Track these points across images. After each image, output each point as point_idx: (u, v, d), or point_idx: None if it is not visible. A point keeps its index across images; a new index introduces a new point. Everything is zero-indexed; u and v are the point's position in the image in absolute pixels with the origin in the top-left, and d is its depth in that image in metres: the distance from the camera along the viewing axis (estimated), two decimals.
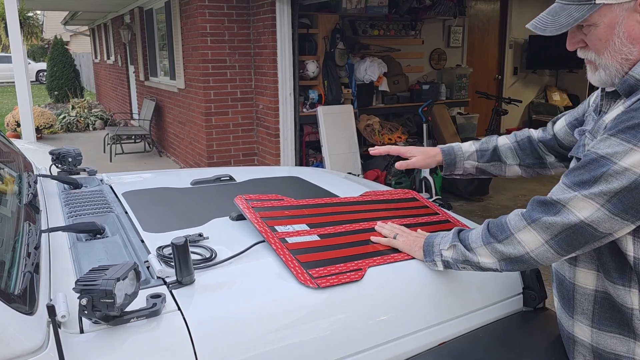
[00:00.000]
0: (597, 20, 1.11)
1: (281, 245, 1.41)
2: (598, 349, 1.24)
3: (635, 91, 1.12)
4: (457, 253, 1.31)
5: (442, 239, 1.37)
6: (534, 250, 1.17)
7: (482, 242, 1.26)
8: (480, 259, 1.26)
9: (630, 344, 1.19)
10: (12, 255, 1.18)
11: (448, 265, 1.35)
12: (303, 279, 1.26)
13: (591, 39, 1.15)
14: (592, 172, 1.09)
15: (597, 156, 1.09)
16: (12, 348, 0.92)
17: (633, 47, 1.11)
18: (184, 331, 1.08)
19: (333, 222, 1.59)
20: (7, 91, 20.23)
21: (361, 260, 1.39)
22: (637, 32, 1.10)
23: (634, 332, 1.18)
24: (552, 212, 1.13)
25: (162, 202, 1.83)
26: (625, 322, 1.19)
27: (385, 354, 1.26)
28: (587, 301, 1.25)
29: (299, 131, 5.56)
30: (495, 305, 1.48)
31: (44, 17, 20.23)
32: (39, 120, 9.74)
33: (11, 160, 1.94)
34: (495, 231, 1.24)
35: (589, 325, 1.25)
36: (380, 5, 5.94)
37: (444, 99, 6.66)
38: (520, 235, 1.18)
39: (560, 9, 1.15)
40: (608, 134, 1.09)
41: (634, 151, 1.04)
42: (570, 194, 1.11)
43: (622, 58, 1.13)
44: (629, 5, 1.08)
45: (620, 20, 1.10)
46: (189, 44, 6.24)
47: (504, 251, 1.21)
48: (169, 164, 7.85)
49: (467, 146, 1.64)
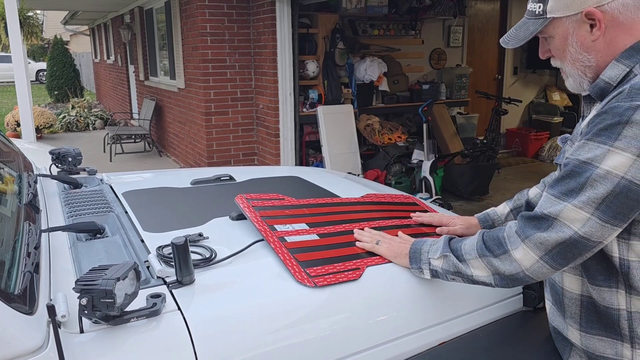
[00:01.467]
0: (552, 32, 1.20)
1: (280, 244, 1.41)
2: (588, 351, 1.25)
3: (608, 94, 1.15)
4: (448, 264, 1.28)
5: (430, 247, 1.34)
6: (529, 269, 1.15)
7: (476, 254, 1.23)
8: (474, 272, 1.24)
9: (618, 346, 1.20)
10: (12, 255, 1.18)
11: (436, 274, 1.31)
12: (300, 277, 1.26)
13: (552, 49, 1.23)
14: (577, 179, 1.10)
15: (579, 162, 1.10)
16: (12, 348, 0.92)
17: (589, 55, 1.17)
18: (184, 331, 1.08)
19: (333, 222, 1.59)
20: (7, 91, 20.23)
21: (360, 259, 1.39)
22: (588, 42, 1.16)
23: (621, 334, 1.19)
24: (544, 227, 1.12)
25: (162, 202, 1.83)
26: (612, 325, 1.20)
27: (385, 354, 1.26)
28: (574, 305, 1.26)
29: (299, 131, 5.56)
30: (495, 305, 1.48)
31: (44, 16, 20.23)
32: (38, 120, 9.74)
33: (11, 160, 1.94)
34: (492, 245, 1.21)
35: (577, 329, 1.26)
36: (380, 5, 5.94)
37: (444, 99, 6.66)
38: (515, 254, 1.16)
39: (522, 24, 1.24)
40: (585, 139, 1.11)
41: (611, 152, 1.06)
42: (559, 206, 1.11)
43: (582, 65, 1.19)
44: (576, 18, 1.15)
45: (572, 31, 1.17)
46: (189, 43, 6.24)
47: (499, 267, 1.19)
48: (169, 164, 7.85)
49: (502, 209, 1.62)
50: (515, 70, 8.09)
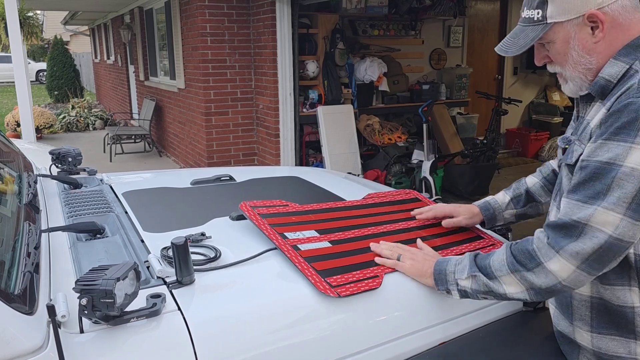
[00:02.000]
0: (553, 37, 1.21)
1: (295, 253, 1.38)
2: (600, 352, 1.24)
3: (609, 91, 1.17)
4: (478, 283, 1.25)
5: (456, 267, 1.30)
6: (567, 279, 1.13)
7: (507, 270, 1.20)
8: (507, 289, 1.21)
9: (631, 345, 1.20)
10: (12, 255, 1.18)
11: (466, 295, 1.28)
12: (322, 288, 1.24)
13: (553, 54, 1.24)
14: (603, 180, 1.09)
15: (601, 164, 1.09)
16: (12, 348, 0.92)
17: (590, 57, 1.19)
18: (183, 331, 1.08)
19: (341, 228, 1.58)
20: (7, 91, 20.23)
21: (377, 266, 1.37)
22: (590, 44, 1.18)
23: (634, 332, 1.19)
24: (575, 234, 1.10)
25: (162, 202, 1.83)
26: (624, 324, 1.20)
27: (385, 354, 1.26)
28: (584, 307, 1.26)
29: (299, 131, 5.55)
30: (495, 305, 1.48)
31: (44, 17, 20.22)
32: (38, 120, 9.74)
33: (11, 160, 1.94)
34: (523, 259, 1.18)
35: (588, 331, 1.26)
36: (380, 5, 5.94)
37: (444, 99, 6.66)
38: (550, 265, 1.13)
39: (519, 31, 1.25)
40: (602, 139, 1.11)
41: (633, 149, 1.06)
42: (588, 210, 1.09)
43: (583, 68, 1.20)
44: (577, 21, 1.17)
45: (573, 35, 1.18)
46: (189, 43, 6.24)
47: (534, 281, 1.16)
48: (169, 164, 7.85)
49: (502, 197, 1.62)
50: (515, 70, 8.09)
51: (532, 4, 1.21)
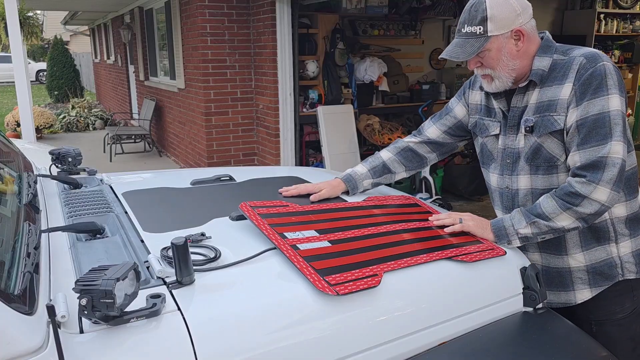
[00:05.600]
0: (490, 46, 1.60)
1: (293, 252, 1.38)
2: (592, 265, 1.68)
3: (546, 78, 1.61)
4: (539, 227, 1.59)
5: (512, 221, 1.63)
6: (607, 200, 1.51)
7: (560, 210, 1.55)
8: (563, 224, 1.56)
9: (607, 248, 1.67)
10: (12, 255, 1.18)
11: (526, 239, 1.62)
12: (321, 286, 1.24)
13: (487, 60, 1.62)
14: (604, 125, 1.49)
15: (596, 116, 1.50)
16: (12, 348, 0.92)
17: (515, 61, 1.61)
18: (183, 331, 1.08)
19: (341, 228, 1.58)
20: (7, 91, 20.24)
21: (375, 265, 1.38)
22: (514, 51, 1.60)
23: (608, 238, 1.66)
24: (602, 166, 1.49)
25: (162, 202, 1.83)
26: (602, 235, 1.66)
27: (385, 354, 1.26)
28: (574, 235, 1.67)
29: (299, 131, 5.55)
30: (495, 305, 1.48)
31: (44, 17, 20.23)
32: (38, 120, 9.75)
33: (11, 160, 1.94)
34: (569, 199, 1.53)
35: (580, 252, 1.68)
36: (380, 5, 5.94)
37: (444, 99, 6.66)
38: (593, 195, 1.50)
39: (463, 42, 1.61)
40: (586, 101, 1.52)
41: (610, 98, 1.50)
42: (606, 147, 1.49)
43: (510, 69, 1.62)
44: (508, 35, 1.59)
45: (504, 45, 1.59)
46: (189, 43, 6.24)
47: (584, 211, 1.52)
48: (169, 164, 7.85)
49: (360, 168, 1.98)
50: None
51: (474, 22, 1.57)
